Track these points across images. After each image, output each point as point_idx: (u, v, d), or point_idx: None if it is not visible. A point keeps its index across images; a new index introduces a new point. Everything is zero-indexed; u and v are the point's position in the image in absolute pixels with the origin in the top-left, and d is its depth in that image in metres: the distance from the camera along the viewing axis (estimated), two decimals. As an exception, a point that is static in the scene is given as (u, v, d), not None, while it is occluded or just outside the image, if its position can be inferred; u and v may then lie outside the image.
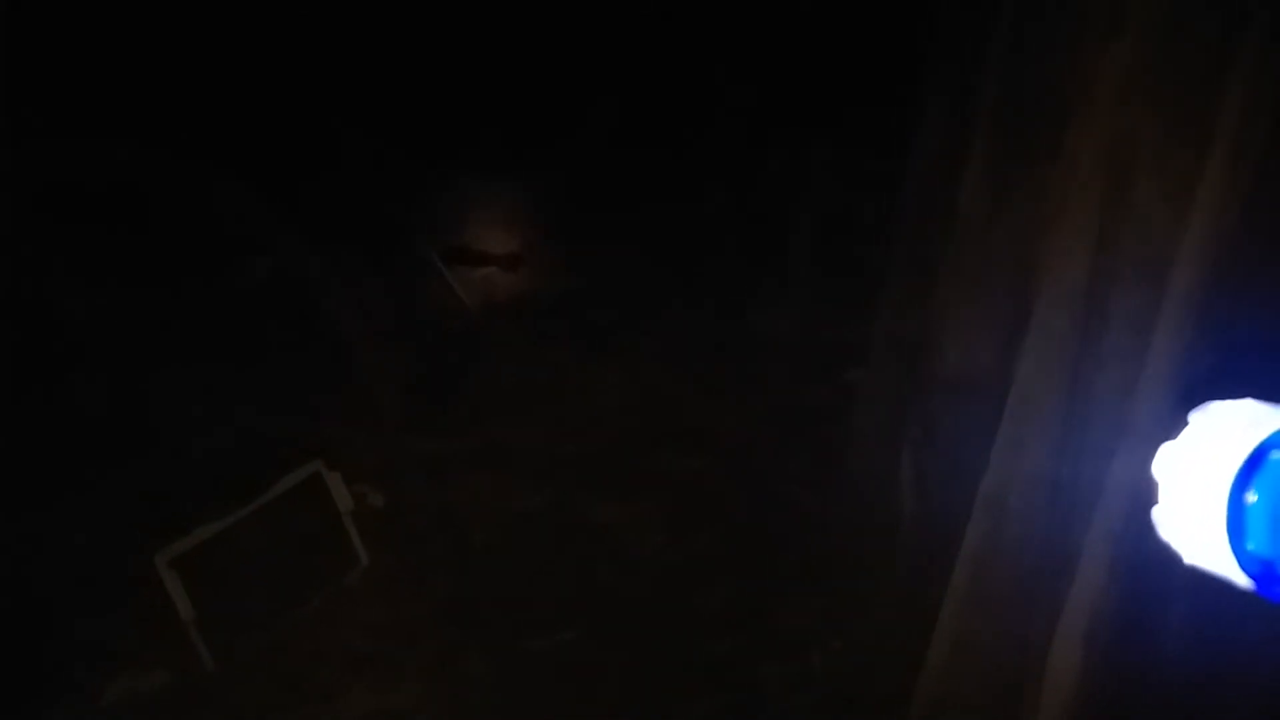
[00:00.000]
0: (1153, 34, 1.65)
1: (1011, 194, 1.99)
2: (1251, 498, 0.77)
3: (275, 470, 2.75)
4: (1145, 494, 1.67)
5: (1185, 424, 0.86)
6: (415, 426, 3.42)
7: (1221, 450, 0.79)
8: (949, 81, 2.20)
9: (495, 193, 4.14)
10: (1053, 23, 1.89)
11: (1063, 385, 1.79)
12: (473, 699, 2.55)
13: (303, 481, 2.77)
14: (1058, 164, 1.83)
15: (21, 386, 2.70)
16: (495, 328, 3.78)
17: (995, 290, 2.02)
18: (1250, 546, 0.79)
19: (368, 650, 2.68)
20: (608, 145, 4.20)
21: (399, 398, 3.44)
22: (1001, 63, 2.00)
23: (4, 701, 2.39)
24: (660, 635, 2.72)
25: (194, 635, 2.53)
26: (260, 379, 2.98)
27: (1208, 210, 1.59)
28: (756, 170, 4.40)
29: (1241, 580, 0.81)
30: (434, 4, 3.75)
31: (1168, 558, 1.77)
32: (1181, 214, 1.63)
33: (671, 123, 4.27)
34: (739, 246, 4.36)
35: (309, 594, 2.76)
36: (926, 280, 2.21)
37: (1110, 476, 1.70)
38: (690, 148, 4.33)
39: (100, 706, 2.48)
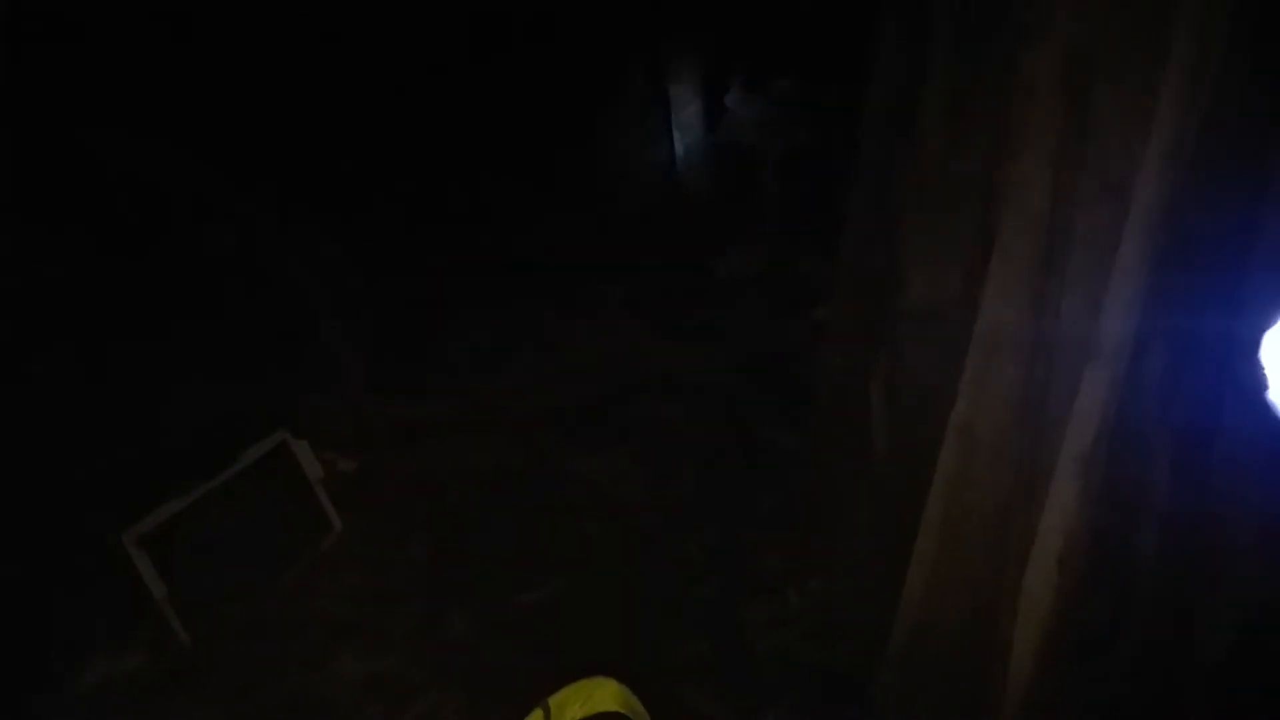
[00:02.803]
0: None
1: (970, 120, 1.96)
2: None
3: (242, 441, 2.71)
4: (1112, 417, 1.67)
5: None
6: (384, 390, 3.38)
7: None
8: (904, 8, 2.15)
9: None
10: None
11: (1028, 310, 1.78)
12: (463, 658, 2.55)
13: (270, 451, 2.73)
14: (1015, 88, 1.79)
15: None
16: (463, 287, 3.73)
17: (958, 219, 1.99)
18: None
19: (351, 617, 2.67)
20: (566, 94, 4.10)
21: (367, 362, 3.40)
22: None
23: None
24: (644, 583, 2.73)
25: (168, 613, 2.51)
26: (222, 350, 2.93)
27: (1167, 125, 1.57)
28: (716, 110, 4.35)
29: None
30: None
31: (1139, 479, 1.78)
32: (1141, 130, 1.60)
33: (622, 64, 4.20)
34: (702, 190, 4.33)
35: (284, 564, 2.74)
36: (889, 213, 2.19)
37: (1078, 399, 1.70)
38: (651, 91, 4.26)
39: (80, 691, 2.46)
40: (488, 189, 3.92)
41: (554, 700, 1.42)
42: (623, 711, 1.40)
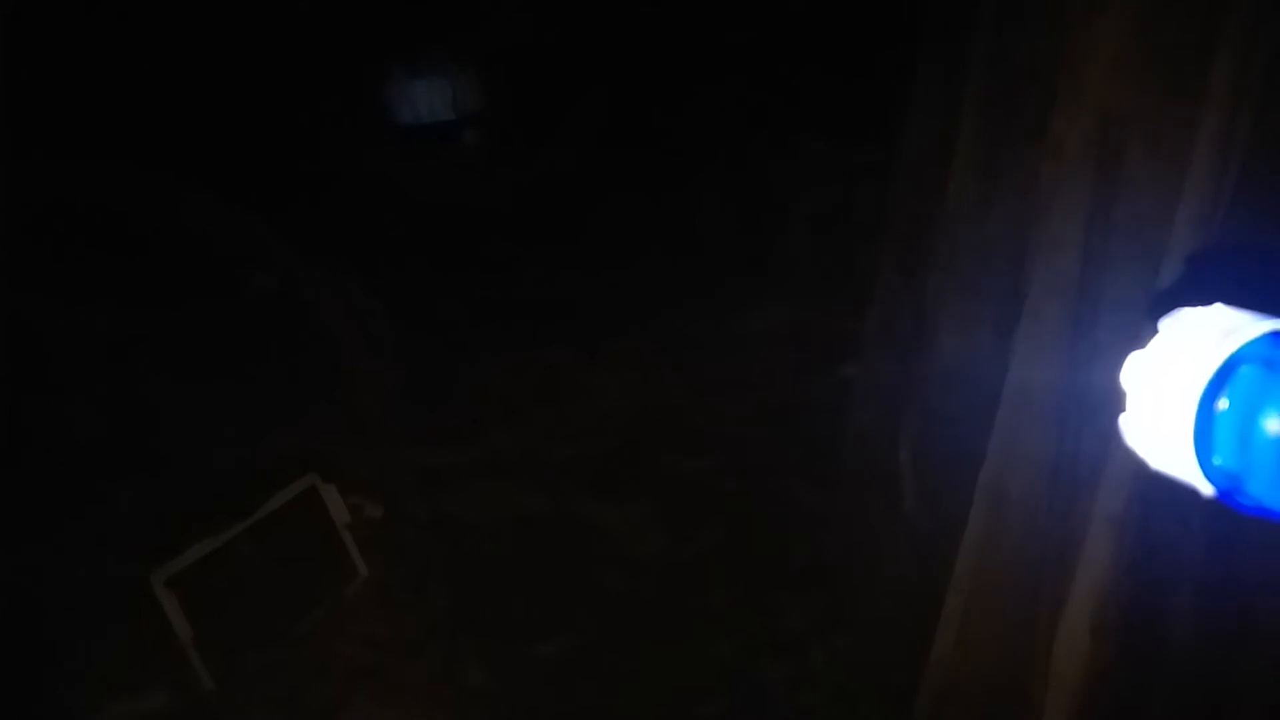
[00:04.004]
0: (1139, 8, 1.63)
1: (1001, 180, 1.97)
2: (1223, 404, 0.76)
3: (271, 485, 2.73)
4: (1147, 479, 1.66)
5: (1155, 332, 0.84)
6: (410, 437, 3.40)
7: (1191, 360, 0.78)
8: (936, 68, 2.18)
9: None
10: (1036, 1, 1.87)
11: (1059, 371, 1.78)
12: (481, 707, 2.53)
13: (298, 495, 2.75)
14: (1047, 148, 1.81)
15: (14, 408, 2.68)
16: (489, 334, 3.76)
17: (988, 279, 2.00)
18: (1217, 461, 0.78)
19: (369, 663, 2.66)
20: (597, 144, 4.18)
21: (393, 409, 3.42)
22: (987, 46, 1.98)
23: (3, 728, 2.37)
24: (664, 637, 2.70)
25: (192, 655, 2.51)
26: (252, 394, 2.97)
27: (1199, 191, 1.58)
28: (748, 165, 4.40)
29: (1206, 489, 0.79)
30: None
31: (1173, 540, 1.76)
32: (1173, 196, 1.61)
33: (660, 120, 4.26)
34: (732, 242, 4.36)
35: (308, 608, 2.74)
36: (919, 270, 2.20)
37: (1110, 461, 1.69)
38: (681, 144, 4.32)
39: (99, 730, 2.46)
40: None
41: None
42: None
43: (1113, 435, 1.66)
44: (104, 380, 2.88)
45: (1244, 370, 0.76)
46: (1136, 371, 0.84)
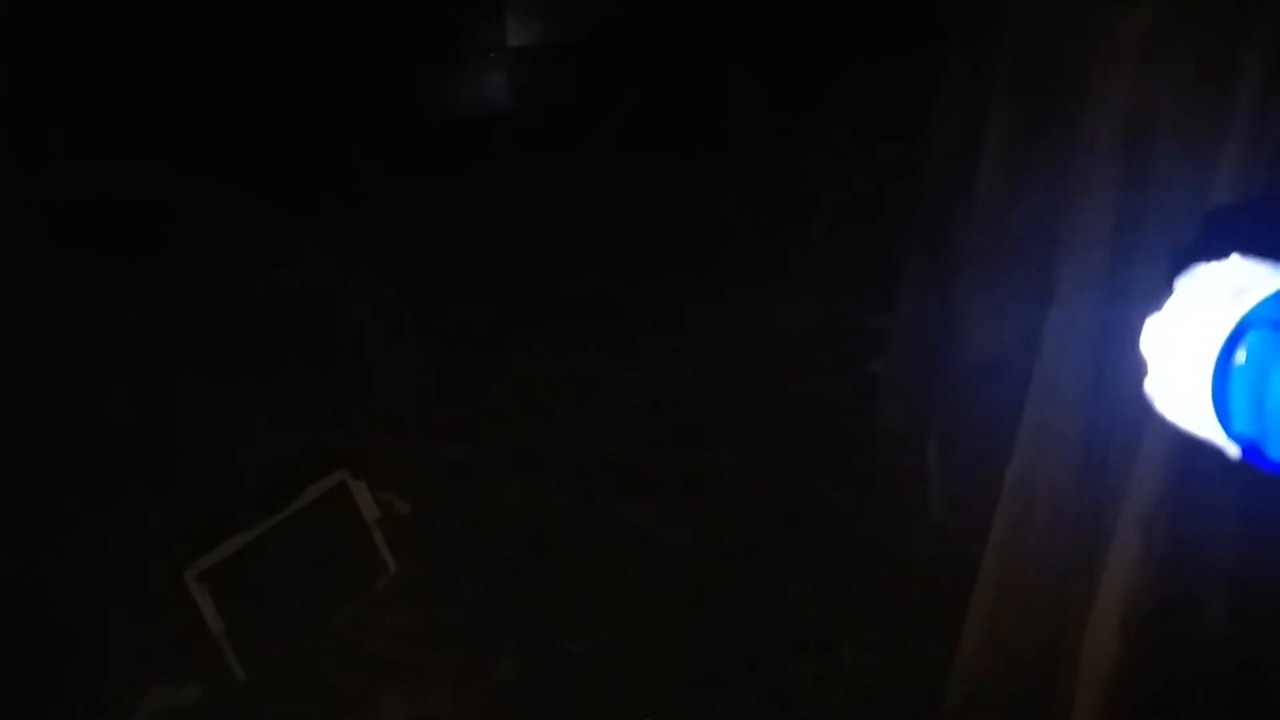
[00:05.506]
0: (1168, 1, 1.62)
1: (1031, 174, 1.96)
2: (1239, 358, 0.75)
3: (301, 481, 2.76)
4: (1177, 475, 1.64)
5: (1171, 292, 0.83)
6: (439, 433, 3.42)
7: (1204, 325, 0.77)
8: (964, 61, 2.16)
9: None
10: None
11: (1087, 368, 1.76)
12: (505, 703, 2.54)
13: (328, 491, 2.78)
14: (1076, 142, 1.79)
15: (50, 402, 2.73)
16: (516, 331, 3.78)
17: (1017, 274, 1.98)
18: (1236, 426, 0.77)
19: (399, 657, 2.69)
20: (622, 142, 4.19)
21: (422, 405, 3.45)
22: (1016, 39, 1.97)
23: None
24: (692, 634, 2.70)
25: (225, 647, 2.55)
26: (283, 390, 3.00)
27: (1230, 186, 1.56)
28: (775, 160, 4.38)
29: (1233, 451, 0.78)
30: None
31: (1205, 536, 1.73)
32: (1203, 190, 1.59)
33: (687, 117, 4.26)
34: (758, 239, 4.35)
35: (338, 603, 2.77)
36: (947, 266, 2.18)
37: (1140, 458, 1.67)
38: (707, 141, 4.31)
39: (136, 720, 2.50)
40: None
41: None
42: None
43: (1142, 432, 1.66)
44: (137, 375, 2.93)
45: (1254, 335, 0.75)
46: (1155, 335, 0.83)
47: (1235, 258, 0.80)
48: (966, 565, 1.99)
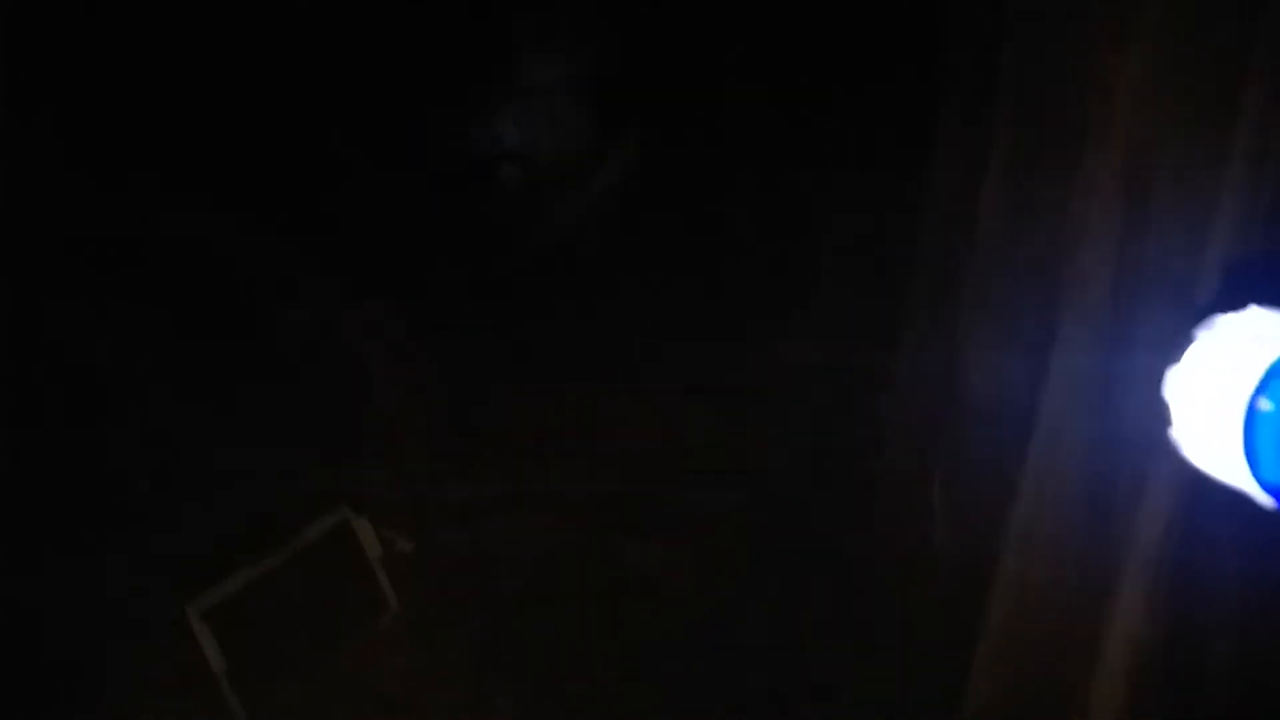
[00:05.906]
0: (1166, 39, 1.63)
1: (1031, 214, 1.96)
2: (1265, 405, 0.75)
3: (303, 518, 2.76)
4: (1183, 515, 1.63)
5: (1190, 342, 0.83)
6: (442, 471, 3.42)
7: (1230, 371, 0.77)
8: (965, 102, 2.18)
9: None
10: (1063, 32, 1.87)
11: (1091, 408, 1.75)
12: (505, 743, 2.52)
13: (331, 528, 2.78)
14: (1077, 181, 1.80)
15: (51, 438, 2.73)
16: (518, 367, 3.78)
17: (1019, 313, 1.99)
18: (1265, 475, 0.76)
19: (400, 695, 2.66)
20: (629, 180, 4.22)
21: (425, 442, 3.44)
22: (1014, 79, 1.98)
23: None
24: (694, 675, 2.67)
25: (225, 686, 2.53)
26: (285, 426, 3.00)
27: (1230, 225, 1.56)
28: (781, 196, 4.40)
29: (1265, 501, 0.78)
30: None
31: (1212, 582, 1.72)
32: (1203, 229, 1.59)
33: (692, 151, 4.29)
34: (764, 276, 4.36)
35: (339, 641, 2.75)
36: (950, 305, 2.19)
37: (1146, 498, 1.66)
38: (711, 178, 4.34)
39: (132, 761, 2.48)
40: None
41: None
42: None
43: (1147, 473, 1.65)
44: (139, 409, 2.93)
45: (1278, 384, 0.75)
46: (1177, 385, 0.83)
47: (1254, 308, 0.80)
48: (971, 608, 1.97)
